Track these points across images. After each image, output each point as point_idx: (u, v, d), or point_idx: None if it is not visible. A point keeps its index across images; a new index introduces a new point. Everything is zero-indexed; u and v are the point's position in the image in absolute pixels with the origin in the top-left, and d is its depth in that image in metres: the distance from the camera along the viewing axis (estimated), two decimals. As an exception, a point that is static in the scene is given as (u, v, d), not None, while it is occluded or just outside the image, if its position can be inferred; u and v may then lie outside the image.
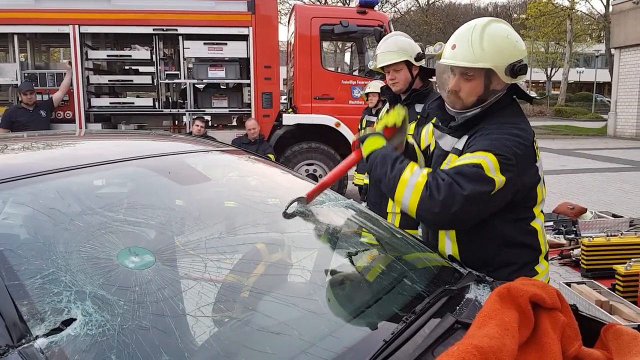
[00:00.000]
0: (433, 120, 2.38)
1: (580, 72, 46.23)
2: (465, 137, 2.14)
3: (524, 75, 2.09)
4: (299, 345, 1.40)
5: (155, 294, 1.39)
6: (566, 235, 6.50)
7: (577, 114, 36.25)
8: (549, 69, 50.08)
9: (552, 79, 50.80)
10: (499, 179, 1.94)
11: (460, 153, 2.11)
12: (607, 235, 5.62)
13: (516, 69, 2.05)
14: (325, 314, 1.66)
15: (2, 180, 1.62)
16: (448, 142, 2.23)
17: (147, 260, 1.49)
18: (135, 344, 1.23)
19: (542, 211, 2.22)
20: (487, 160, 1.94)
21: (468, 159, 1.99)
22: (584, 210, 7.12)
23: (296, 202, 2.06)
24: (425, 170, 2.03)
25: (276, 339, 1.45)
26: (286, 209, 2.03)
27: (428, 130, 2.48)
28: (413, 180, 1.97)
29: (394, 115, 2.21)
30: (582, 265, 5.52)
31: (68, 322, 1.22)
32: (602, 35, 42.79)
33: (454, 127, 2.19)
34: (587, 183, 12.04)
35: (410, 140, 2.48)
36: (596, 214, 7.14)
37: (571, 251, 6.05)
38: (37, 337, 1.17)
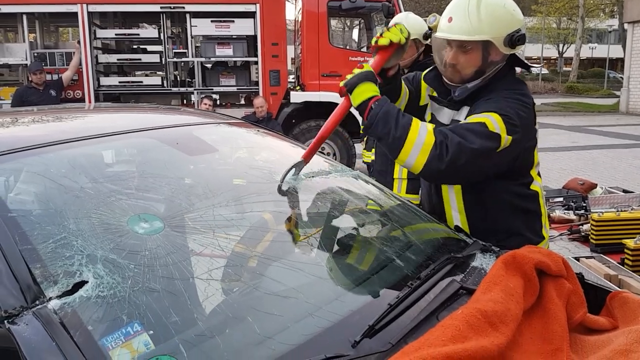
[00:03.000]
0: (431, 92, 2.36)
1: (592, 48, 45.56)
2: (465, 108, 2.12)
3: (522, 45, 2.06)
4: (306, 309, 1.43)
5: (165, 258, 1.42)
6: (576, 211, 6.48)
7: (589, 91, 35.83)
8: (560, 45, 49.45)
9: (564, 55, 50.20)
10: (505, 137, 1.93)
11: None
12: (617, 211, 5.60)
13: (515, 38, 2.01)
14: (331, 280, 1.69)
15: (14, 150, 1.66)
16: (446, 114, 2.21)
17: (156, 226, 1.52)
18: (146, 305, 1.27)
19: (539, 173, 2.23)
20: (491, 119, 1.93)
21: (472, 118, 1.99)
22: (594, 186, 7.08)
23: (293, 169, 2.02)
24: (430, 127, 1.99)
25: (283, 302, 1.48)
26: (284, 176, 1.99)
27: (428, 89, 2.39)
28: (421, 139, 1.92)
29: (396, 33, 2.07)
30: (592, 241, 5.52)
31: (80, 285, 1.25)
32: (615, 10, 42.13)
33: (454, 101, 2.16)
34: (598, 159, 11.97)
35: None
36: (606, 190, 7.10)
37: (581, 226, 6.04)
38: (50, 298, 1.21)
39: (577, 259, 4.73)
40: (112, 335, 1.19)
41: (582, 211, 6.42)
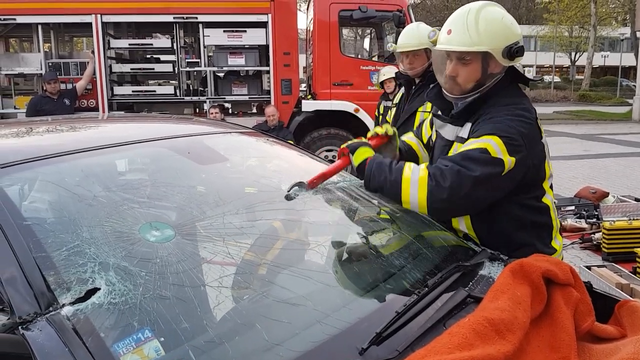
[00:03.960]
0: (429, 108, 2.41)
1: (605, 56, 45.26)
2: (468, 125, 2.13)
3: (520, 57, 2.08)
4: (314, 316, 1.45)
5: (175, 266, 1.44)
6: (587, 220, 6.44)
7: (602, 99, 35.57)
8: (573, 53, 49.22)
9: (576, 63, 49.94)
10: (508, 160, 1.93)
11: (465, 141, 2.08)
12: (629, 219, 5.57)
13: (513, 50, 2.03)
14: (339, 288, 1.71)
15: (29, 160, 1.70)
16: (450, 131, 2.22)
17: (167, 234, 1.55)
18: (156, 312, 1.29)
19: (551, 186, 2.22)
20: (492, 143, 1.94)
21: (473, 144, 1.99)
22: (606, 194, 7.04)
23: (297, 187, 2.05)
24: (423, 165, 2.04)
25: (292, 310, 1.50)
26: (288, 192, 2.02)
27: (427, 123, 2.49)
28: (415, 176, 1.98)
29: (381, 129, 2.26)
30: (603, 249, 5.49)
31: (92, 292, 1.28)
32: (627, 18, 41.90)
33: (455, 115, 2.18)
34: (610, 168, 11.89)
35: (407, 137, 2.55)
36: (618, 198, 7.05)
37: (592, 235, 6.01)
38: (63, 305, 1.24)
39: (589, 267, 4.70)
40: (123, 341, 1.21)
41: (594, 220, 6.39)
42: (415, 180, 1.97)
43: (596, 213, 6.52)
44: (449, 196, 1.92)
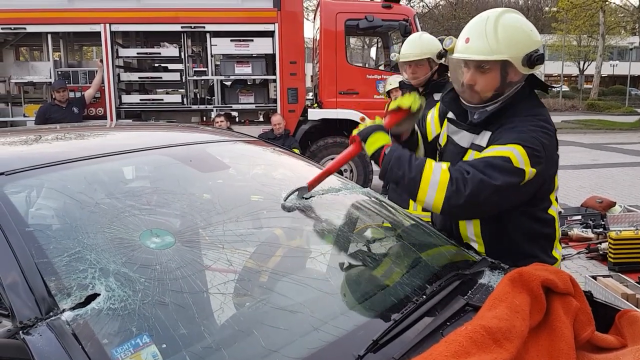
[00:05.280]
0: (437, 106, 2.38)
1: (613, 66, 45.11)
2: (486, 133, 2.09)
3: (540, 65, 2.04)
4: (312, 323, 1.46)
5: (174, 272, 1.46)
6: (594, 229, 6.42)
7: (611, 108, 35.48)
8: (581, 63, 49.11)
9: (585, 72, 49.82)
10: (529, 170, 1.92)
11: (482, 149, 2.06)
12: (636, 229, 5.54)
13: (533, 58, 1.99)
14: (337, 296, 1.72)
15: (34, 167, 1.72)
16: (465, 138, 2.18)
17: (167, 240, 1.57)
18: (155, 318, 1.31)
19: (556, 198, 2.21)
20: (516, 153, 1.91)
21: (496, 150, 1.96)
22: (613, 204, 7.01)
23: (297, 192, 2.04)
24: (445, 165, 2.00)
25: (289, 317, 1.51)
26: (285, 199, 2.02)
27: (434, 117, 2.42)
28: (436, 177, 1.94)
29: (410, 99, 2.14)
30: (610, 259, 5.46)
31: (92, 297, 1.30)
32: (636, 27, 41.81)
33: (474, 124, 2.14)
34: (618, 177, 11.83)
35: (416, 128, 2.44)
36: (625, 208, 7.02)
37: (599, 245, 5.98)
38: (63, 310, 1.26)
39: (595, 277, 4.68)
40: (121, 346, 1.23)
41: (601, 229, 6.37)
42: (435, 181, 1.93)
43: (603, 223, 6.50)
44: (465, 202, 1.91)
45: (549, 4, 49.75)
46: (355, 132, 2.14)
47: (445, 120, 2.33)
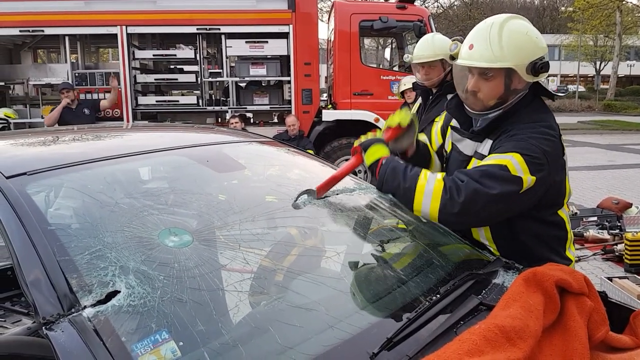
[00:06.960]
0: (443, 115, 2.39)
1: (630, 66, 44.69)
2: (488, 141, 2.09)
3: (545, 73, 2.01)
4: (326, 321, 1.48)
5: (192, 270, 1.49)
6: (610, 230, 6.38)
7: (627, 109, 35.08)
8: (597, 63, 48.63)
9: (601, 72, 49.33)
10: (528, 178, 1.90)
11: (484, 158, 2.05)
12: (653, 231, 5.50)
13: (538, 66, 1.96)
14: (352, 294, 1.74)
15: (55, 167, 1.77)
16: (469, 146, 2.18)
17: (185, 239, 1.60)
18: (174, 314, 1.34)
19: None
20: (513, 161, 1.90)
21: (494, 159, 1.96)
22: (629, 205, 6.95)
23: (306, 195, 2.05)
24: (440, 175, 2.00)
25: (304, 315, 1.53)
26: (295, 200, 2.03)
27: (437, 129, 2.45)
28: (430, 186, 1.95)
29: (398, 116, 2.17)
30: (626, 260, 5.43)
31: (113, 294, 1.33)
32: (654, 27, 41.31)
33: (476, 131, 2.13)
34: (634, 178, 11.71)
35: (422, 138, 2.46)
36: (642, 209, 6.97)
37: (615, 246, 5.94)
38: (85, 307, 1.29)
39: (610, 279, 4.65)
40: (141, 342, 1.26)
41: (617, 230, 6.33)
42: (429, 190, 1.95)
43: (619, 224, 6.45)
44: (460, 211, 1.91)
45: (565, 4, 49.36)
46: (356, 143, 2.19)
47: (449, 128, 2.33)
